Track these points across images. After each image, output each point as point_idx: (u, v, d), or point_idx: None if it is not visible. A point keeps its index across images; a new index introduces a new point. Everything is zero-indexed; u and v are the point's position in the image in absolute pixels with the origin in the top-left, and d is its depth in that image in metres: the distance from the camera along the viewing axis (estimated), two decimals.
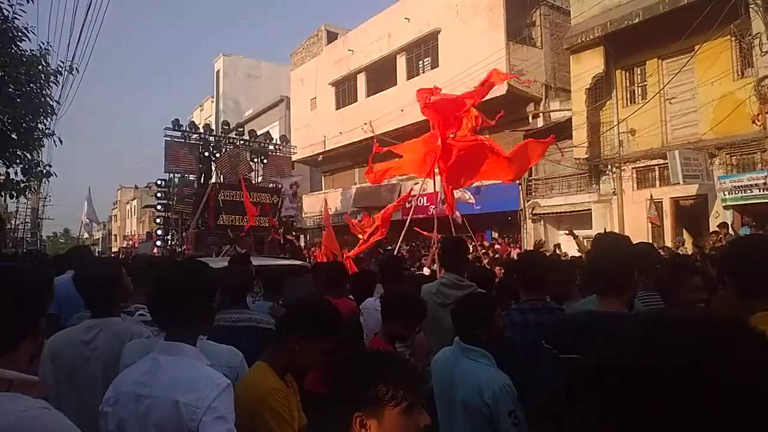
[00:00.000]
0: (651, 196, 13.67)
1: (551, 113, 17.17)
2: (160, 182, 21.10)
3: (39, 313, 1.47)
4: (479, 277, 4.20)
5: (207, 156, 20.99)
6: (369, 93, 23.09)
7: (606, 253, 2.61)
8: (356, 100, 23.82)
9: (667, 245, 12.70)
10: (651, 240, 12.19)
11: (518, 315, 3.08)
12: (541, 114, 17.46)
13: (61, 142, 12.58)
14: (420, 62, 21.10)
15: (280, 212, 20.31)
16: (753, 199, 11.86)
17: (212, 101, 41.60)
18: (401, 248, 13.38)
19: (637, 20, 13.34)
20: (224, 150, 21.36)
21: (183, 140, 20.48)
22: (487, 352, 2.53)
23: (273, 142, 23.00)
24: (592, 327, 2.07)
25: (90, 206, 27.78)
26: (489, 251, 13.98)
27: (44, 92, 11.23)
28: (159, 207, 20.99)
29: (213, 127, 24.60)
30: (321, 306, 2.30)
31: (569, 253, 12.20)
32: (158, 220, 21.37)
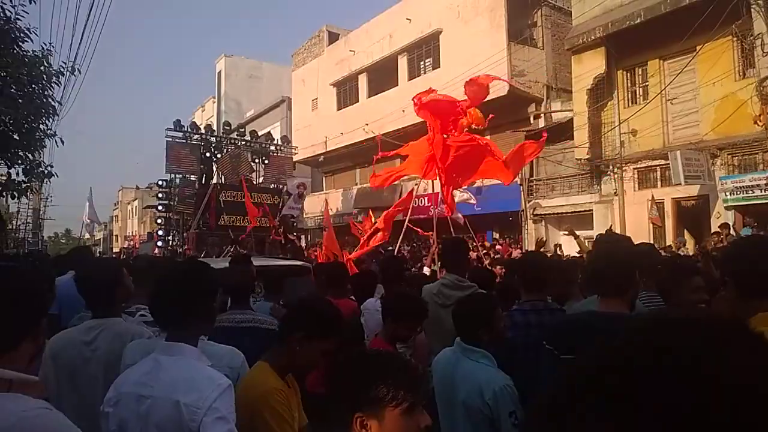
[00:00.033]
0: (652, 197, 13.66)
1: (552, 114, 17.16)
2: (162, 183, 21.13)
3: (40, 314, 1.47)
4: (480, 278, 4.20)
5: (208, 156, 21.03)
6: (370, 94, 23.10)
7: (607, 254, 2.61)
8: (357, 101, 23.82)
9: (669, 244, 12.71)
10: (652, 241, 12.18)
11: (519, 316, 3.08)
12: (543, 114, 17.45)
13: (63, 143, 12.63)
14: (421, 63, 21.09)
15: (281, 212, 20.30)
16: (754, 200, 11.86)
17: (214, 102, 41.64)
18: (402, 249, 13.39)
19: (639, 21, 13.32)
20: (225, 150, 21.40)
21: (184, 141, 20.52)
22: (488, 353, 2.53)
23: (274, 143, 23.03)
24: (593, 328, 2.07)
25: (91, 207, 27.83)
26: (490, 252, 13.97)
27: (46, 93, 11.24)
28: (160, 207, 21.01)
29: (214, 128, 24.62)
30: (322, 306, 2.30)
31: (568, 254, 12.18)
32: (159, 221, 21.39)
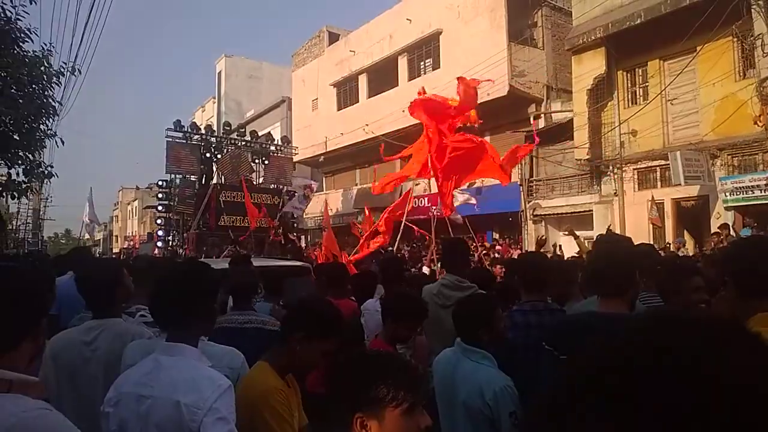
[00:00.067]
0: (652, 197, 13.66)
1: (552, 114, 17.16)
2: (162, 183, 21.13)
3: (40, 314, 1.46)
4: (480, 278, 4.20)
5: (208, 157, 21.04)
6: (370, 94, 23.09)
7: (607, 254, 2.61)
8: (357, 101, 23.81)
9: (668, 242, 12.71)
10: (652, 241, 12.18)
11: (519, 316, 3.08)
12: (543, 115, 17.45)
13: (63, 143, 12.62)
14: (421, 63, 21.07)
15: (281, 211, 20.31)
16: (754, 200, 11.85)
17: (214, 102, 41.63)
18: (402, 249, 13.38)
19: (639, 21, 13.32)
20: (225, 151, 21.40)
21: (184, 141, 20.53)
22: (489, 353, 2.52)
23: (274, 143, 23.03)
24: (593, 328, 2.06)
25: (91, 207, 27.82)
26: (490, 252, 13.97)
27: (46, 93, 11.23)
28: (160, 208, 21.01)
29: (214, 128, 24.63)
30: (322, 307, 2.30)
31: (567, 254, 12.17)
32: (159, 221, 21.38)
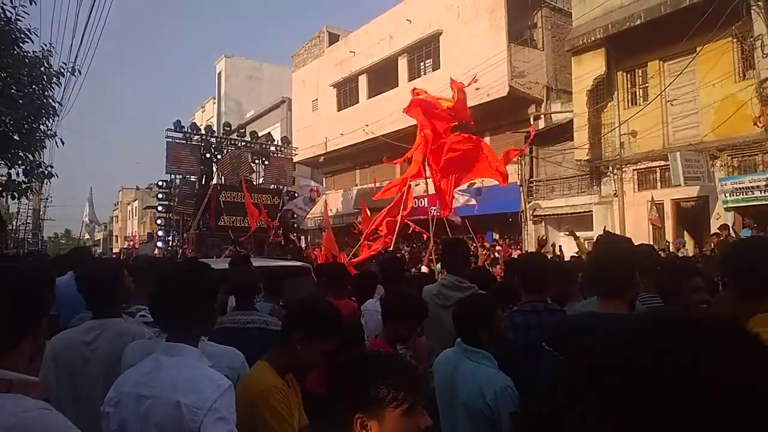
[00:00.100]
0: (652, 198, 13.66)
1: (552, 115, 17.17)
2: (162, 183, 21.15)
3: (40, 314, 1.46)
4: (480, 279, 4.19)
5: (208, 157, 21.05)
6: (370, 95, 23.09)
7: (606, 255, 2.61)
8: (357, 102, 23.81)
9: (666, 240, 12.72)
10: (652, 242, 12.18)
11: (520, 316, 3.08)
12: (543, 116, 17.46)
13: (63, 143, 12.63)
14: (421, 64, 21.07)
15: (281, 211, 20.30)
16: (754, 201, 11.85)
17: (214, 102, 41.64)
18: (402, 249, 13.38)
19: (639, 22, 13.33)
20: (225, 151, 21.41)
21: (184, 141, 20.54)
22: (489, 354, 2.52)
23: (274, 144, 23.04)
24: (593, 329, 2.06)
25: (91, 207, 27.81)
26: (490, 252, 13.97)
27: (46, 93, 11.24)
28: (160, 208, 21.02)
29: (214, 129, 24.64)
30: (322, 307, 2.30)
31: (567, 255, 12.17)
32: (159, 221, 21.39)
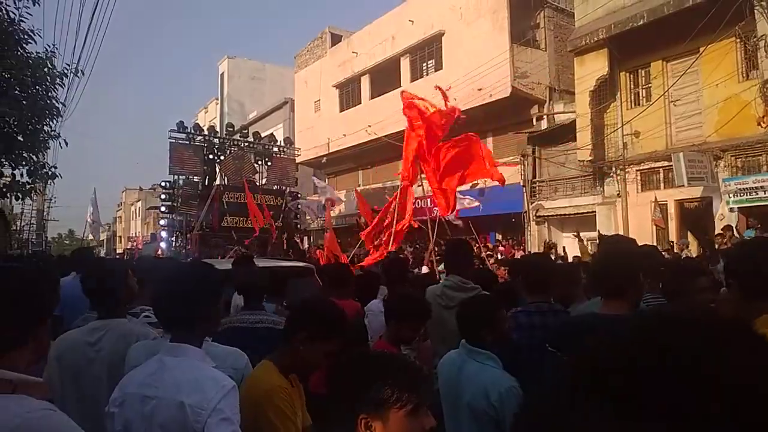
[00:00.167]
0: (655, 199, 13.63)
1: (555, 115, 17.15)
2: (165, 184, 21.21)
3: (42, 314, 1.46)
4: (483, 280, 4.19)
5: (211, 158, 21.10)
6: (373, 95, 23.08)
7: (607, 255, 2.61)
8: (360, 102, 23.82)
9: (671, 240, 12.69)
10: (655, 242, 12.15)
11: (524, 317, 3.07)
12: (545, 116, 17.44)
13: (67, 144, 12.66)
14: (424, 64, 21.08)
15: (286, 209, 20.32)
16: (758, 202, 11.81)
17: (217, 103, 41.72)
18: (404, 250, 13.38)
19: (642, 22, 13.30)
20: (228, 152, 21.45)
21: (187, 142, 20.60)
22: (494, 354, 2.51)
23: (277, 144, 23.07)
24: (596, 330, 2.06)
25: (95, 208, 27.84)
26: (493, 253, 13.96)
27: (50, 94, 11.29)
28: (163, 209, 21.08)
29: (217, 129, 24.69)
30: (325, 307, 2.30)
31: (571, 256, 12.17)
32: (162, 222, 21.45)
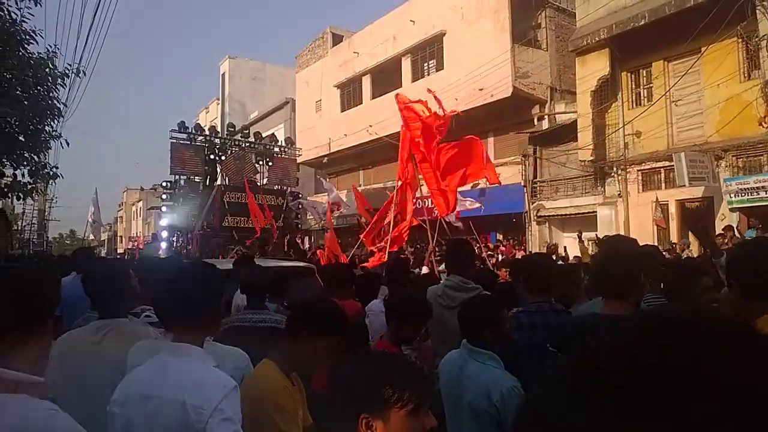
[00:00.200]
0: (656, 199, 13.62)
1: (556, 115, 17.15)
2: (166, 184, 21.22)
3: (43, 314, 1.47)
4: (484, 280, 4.19)
5: (212, 158, 21.11)
6: (374, 95, 23.09)
7: (608, 255, 2.61)
8: (361, 103, 23.83)
9: (674, 243, 12.66)
10: (656, 242, 12.15)
11: (525, 317, 3.07)
12: (546, 116, 17.44)
13: (68, 144, 12.68)
14: (425, 64, 21.09)
15: (285, 212, 20.32)
16: (759, 202, 11.80)
17: (218, 103, 41.75)
18: (405, 250, 13.38)
19: (643, 22, 13.29)
20: (229, 152, 21.47)
21: (189, 142, 20.62)
22: (495, 355, 2.52)
23: (278, 145, 23.08)
24: (597, 330, 2.06)
25: (96, 208, 27.90)
26: (494, 253, 13.96)
27: (51, 95, 11.30)
28: (164, 209, 21.08)
29: (218, 129, 24.71)
30: (326, 306, 2.31)
31: (571, 256, 12.16)
32: (163, 222, 21.46)
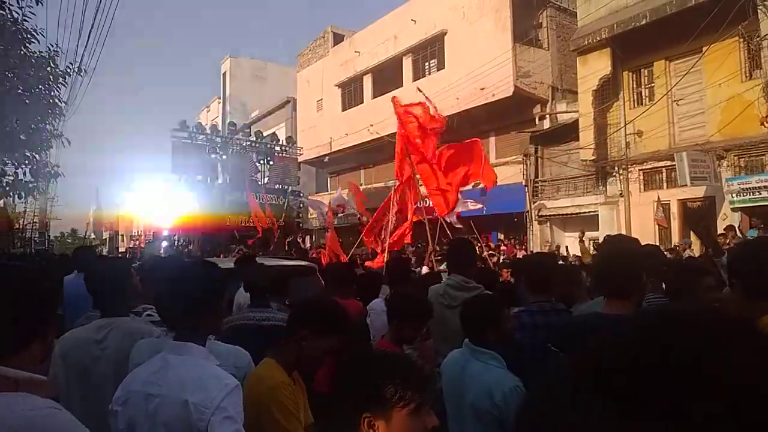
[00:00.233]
0: (658, 198, 13.60)
1: (558, 115, 17.13)
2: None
3: (48, 314, 1.47)
4: (485, 280, 4.19)
5: (213, 157, 21.12)
6: (375, 94, 23.07)
7: (609, 255, 2.60)
8: (362, 102, 23.81)
9: (677, 243, 12.65)
10: (658, 242, 12.13)
11: (527, 317, 3.07)
12: (548, 116, 17.43)
13: (69, 143, 12.68)
14: (426, 64, 21.07)
15: (286, 212, 20.34)
16: (761, 202, 11.78)
17: (219, 102, 41.75)
18: (406, 250, 13.38)
19: (645, 22, 13.26)
20: (231, 151, 21.48)
21: (190, 141, 20.62)
22: (497, 354, 2.52)
23: (279, 144, 23.09)
24: (598, 329, 2.06)
25: (98, 207, 27.95)
26: (495, 252, 13.95)
27: (52, 93, 11.32)
28: None
29: (219, 128, 24.73)
30: (327, 305, 2.32)
31: (572, 255, 12.16)
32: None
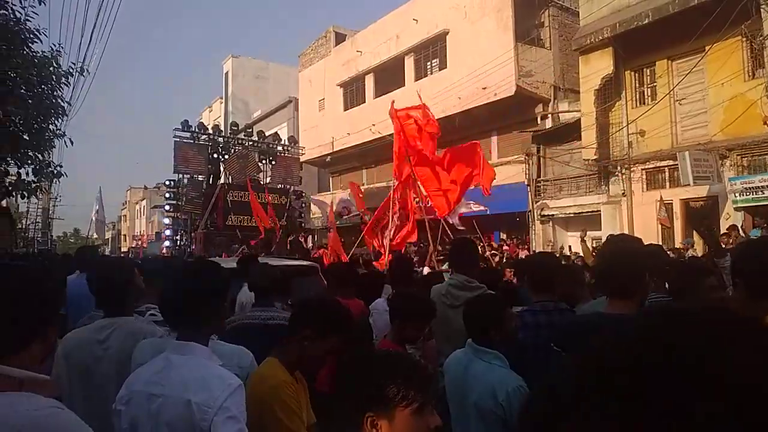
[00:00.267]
0: (661, 198, 13.57)
1: (560, 114, 17.11)
2: (169, 183, 21.27)
3: (50, 314, 1.47)
4: (488, 279, 4.19)
5: (216, 157, 21.15)
6: (377, 94, 23.05)
7: (612, 254, 2.60)
8: (364, 101, 23.80)
9: (678, 246, 12.63)
10: (661, 242, 12.11)
11: (530, 316, 3.07)
12: (550, 115, 17.41)
13: (72, 143, 12.72)
14: (428, 63, 21.06)
15: (288, 210, 20.35)
16: (764, 201, 11.75)
17: (221, 102, 41.79)
18: (408, 249, 13.39)
19: (647, 21, 13.23)
20: (233, 151, 21.50)
21: (192, 141, 20.65)
22: (501, 354, 2.51)
23: (281, 143, 23.10)
24: (601, 329, 2.06)
25: (101, 206, 27.99)
26: (498, 252, 13.95)
27: (55, 93, 11.35)
28: (168, 207, 21.15)
29: (222, 128, 24.76)
30: (329, 305, 2.32)
31: (575, 254, 12.15)
32: (167, 221, 21.51)
